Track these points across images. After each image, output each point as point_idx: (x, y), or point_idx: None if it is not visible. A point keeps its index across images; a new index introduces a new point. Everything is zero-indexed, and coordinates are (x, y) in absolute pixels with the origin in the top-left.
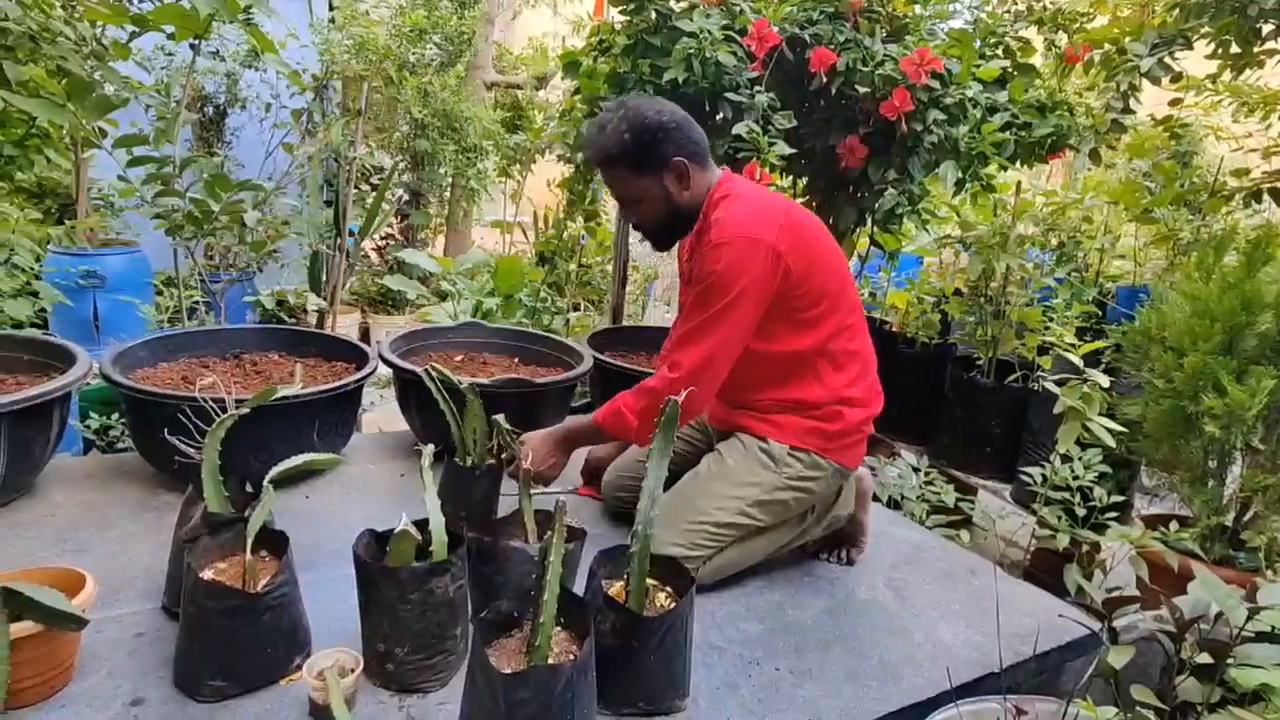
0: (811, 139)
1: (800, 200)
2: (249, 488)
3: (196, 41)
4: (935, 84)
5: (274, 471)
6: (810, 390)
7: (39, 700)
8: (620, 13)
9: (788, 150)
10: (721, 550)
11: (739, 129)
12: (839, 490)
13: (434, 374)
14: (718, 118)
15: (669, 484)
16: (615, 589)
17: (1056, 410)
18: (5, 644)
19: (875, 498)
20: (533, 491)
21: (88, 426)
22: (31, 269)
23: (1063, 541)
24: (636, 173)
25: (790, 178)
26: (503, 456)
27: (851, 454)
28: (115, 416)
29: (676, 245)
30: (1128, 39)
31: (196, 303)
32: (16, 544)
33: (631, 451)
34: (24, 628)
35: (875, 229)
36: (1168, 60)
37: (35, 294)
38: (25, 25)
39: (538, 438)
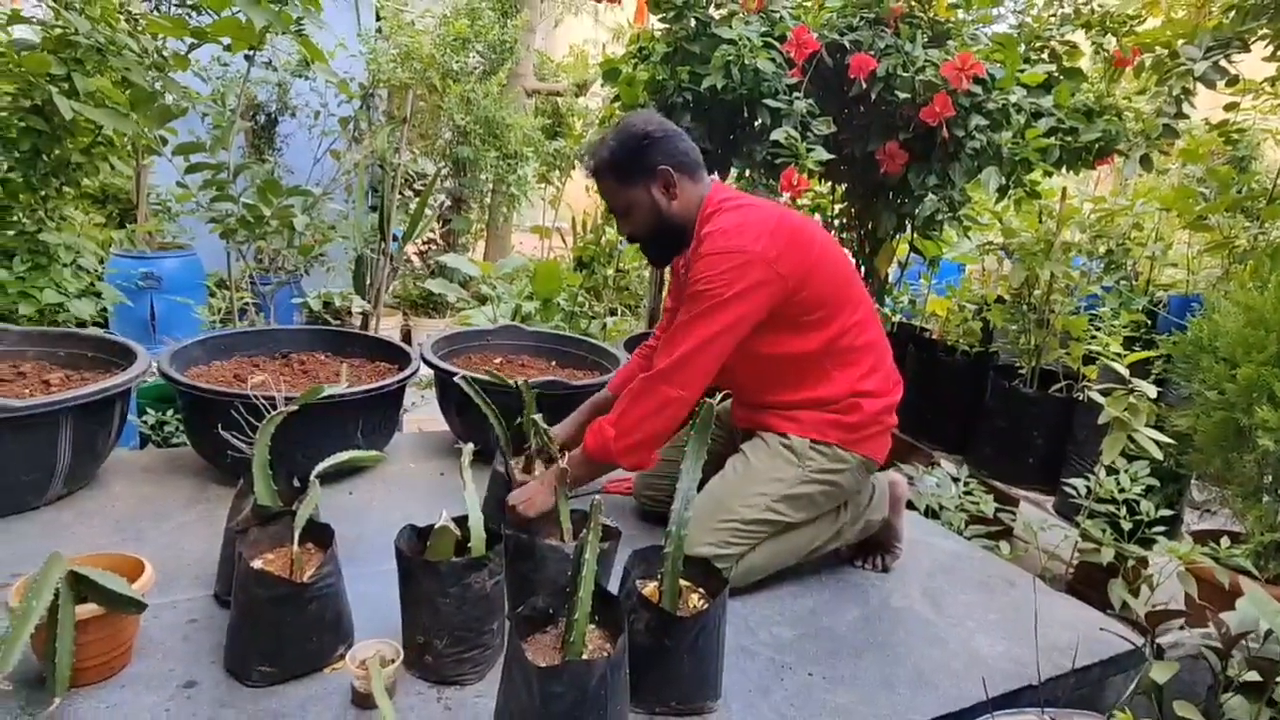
0: (851, 145)
1: (839, 206)
2: (296, 482)
3: (251, 52)
4: (977, 89)
5: (320, 467)
6: (824, 388)
7: (100, 680)
8: (660, 20)
9: (826, 156)
10: (753, 548)
11: (777, 135)
12: (871, 491)
13: (472, 380)
14: (756, 124)
15: (699, 486)
16: (649, 589)
17: (1101, 420)
18: (72, 624)
19: (912, 506)
20: (571, 494)
21: (145, 422)
22: (95, 271)
23: (1107, 556)
24: (623, 182)
25: (829, 183)
26: (535, 453)
27: (874, 445)
28: (170, 412)
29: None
30: (1180, 42)
31: (247, 304)
32: (80, 532)
33: (660, 453)
34: (89, 610)
35: (915, 235)
36: (1223, 63)
37: (98, 294)
38: (93, 39)
39: (534, 489)
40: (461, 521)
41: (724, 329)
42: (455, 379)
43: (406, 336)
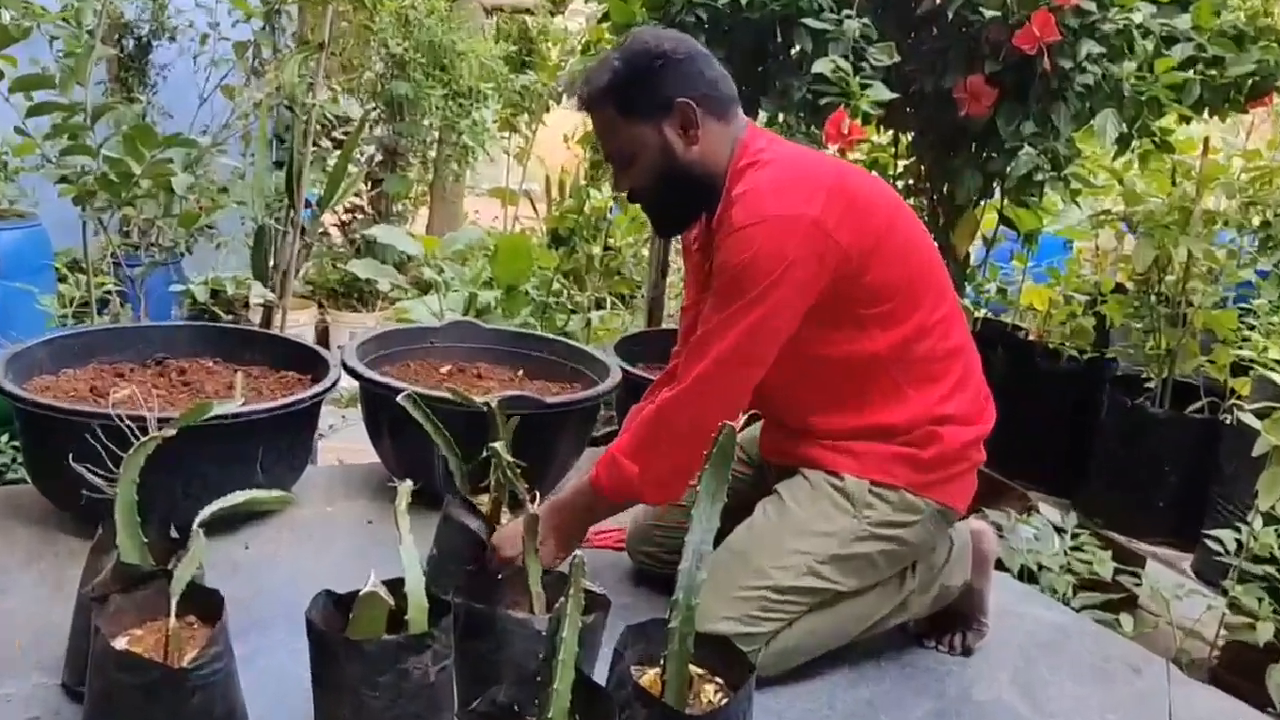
0: (920, 80)
1: (904, 163)
2: (174, 533)
3: None
4: (1090, 6)
5: (206, 512)
6: (892, 410)
7: None
8: None
9: (887, 94)
10: (789, 626)
11: (821, 66)
12: (949, 548)
13: (418, 399)
14: (793, 52)
15: (716, 538)
16: (648, 677)
17: (1257, 452)
18: None
19: (1002, 566)
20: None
21: None
22: None
23: (1265, 634)
24: (627, 116)
25: (889, 132)
26: (496, 497)
27: (956, 489)
28: (5, 438)
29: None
30: None
31: (109, 292)
32: None
33: None
34: None
35: (1006, 201)
36: None
37: None
38: None
39: (510, 533)
40: (396, 586)
41: (767, 321)
42: (398, 398)
43: (324, 337)
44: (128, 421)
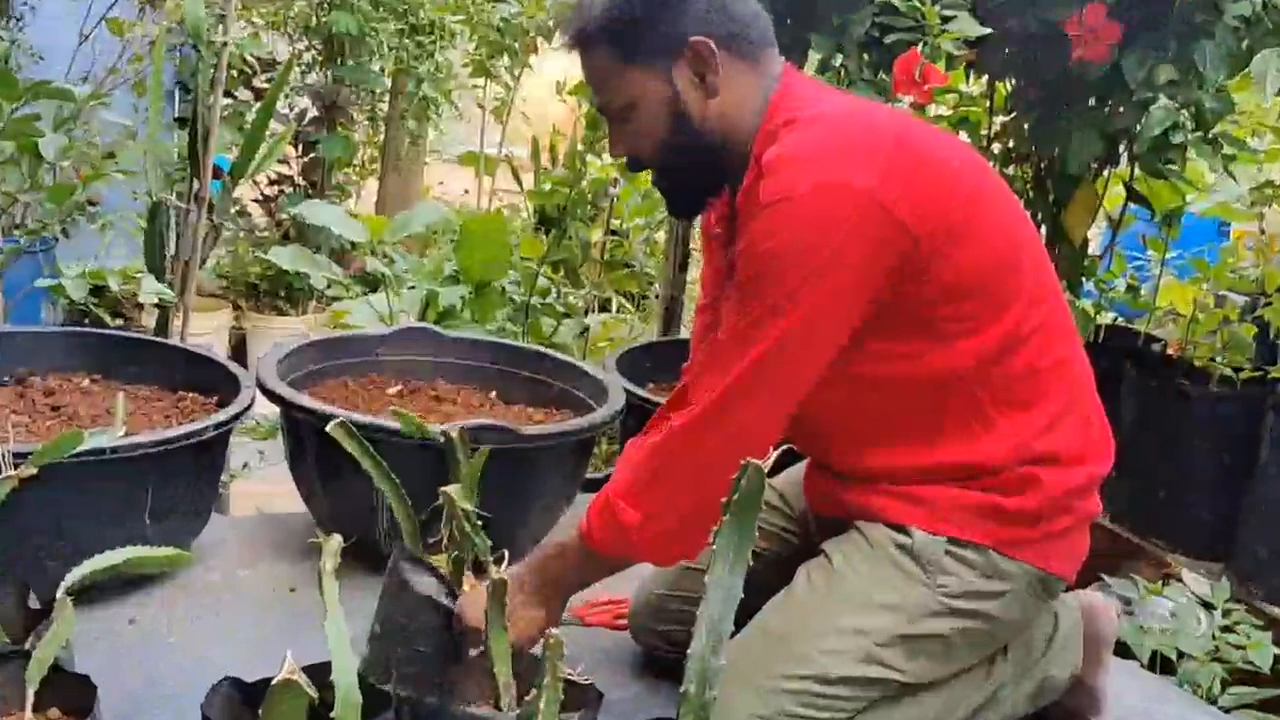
0: (1019, 12)
1: (1003, 120)
2: (34, 602)
3: None
4: None
5: (76, 575)
6: (976, 445)
7: None
8: None
9: (977, 30)
10: None
11: None
12: (1052, 628)
13: (352, 426)
14: None
15: (743, 613)
16: None
17: None
18: None
19: (1127, 653)
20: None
21: None
22: None
23: None
24: (625, 57)
25: (981, 79)
26: (454, 556)
27: (1061, 550)
28: None
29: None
30: None
31: None
32: None
33: None
34: None
35: (1136, 171)
36: None
37: None
38: None
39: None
40: (321, 673)
41: (806, 329)
42: (328, 426)
43: (240, 347)
44: None
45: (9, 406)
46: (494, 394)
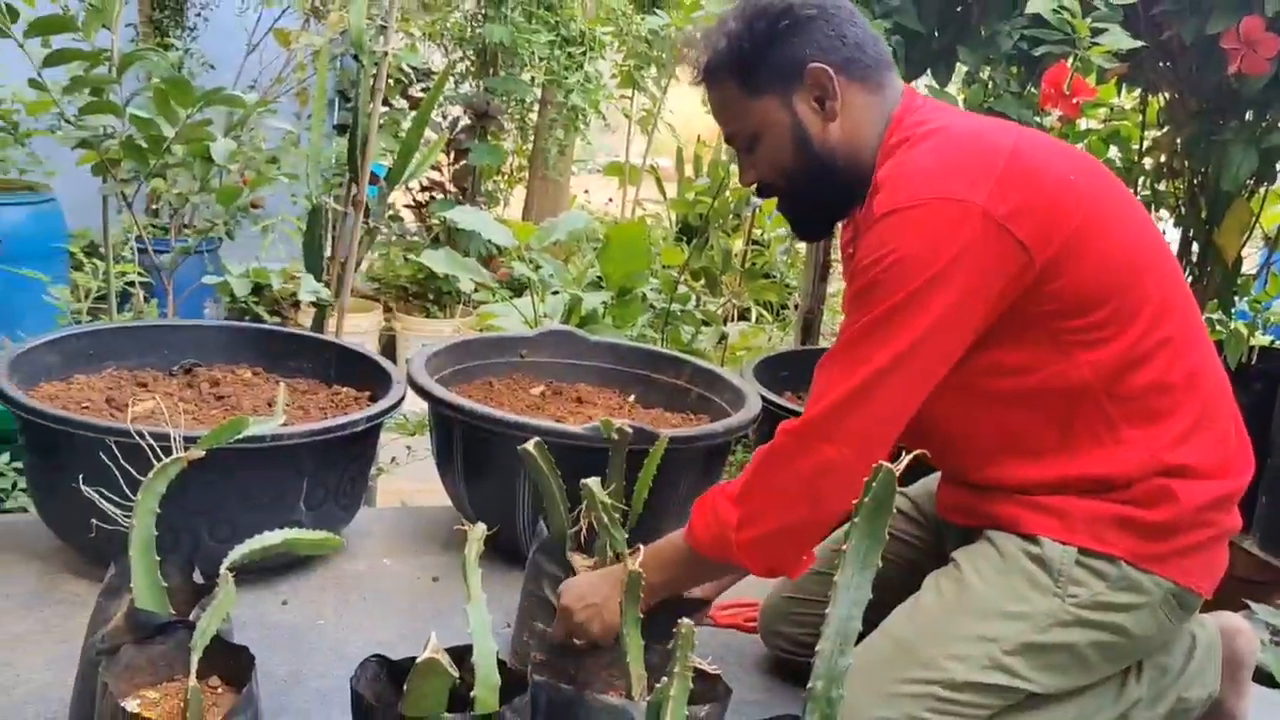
0: (1176, 24)
1: (1155, 135)
2: (199, 577)
3: None
4: None
5: (237, 554)
6: (1108, 457)
7: None
8: None
9: (1129, 43)
10: None
11: (1039, 5)
12: (1189, 647)
13: (544, 449)
14: None
15: (871, 617)
16: None
17: None
18: None
19: (1271, 682)
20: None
21: None
22: None
23: None
24: (747, 89)
25: (1134, 92)
26: (585, 541)
27: (1197, 565)
28: (5, 459)
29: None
30: None
31: (132, 284)
32: None
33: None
34: None
35: None
36: None
37: None
38: None
39: (584, 586)
40: (462, 655)
41: (918, 344)
42: (522, 447)
43: (389, 347)
44: (149, 439)
45: (178, 395)
46: (633, 397)
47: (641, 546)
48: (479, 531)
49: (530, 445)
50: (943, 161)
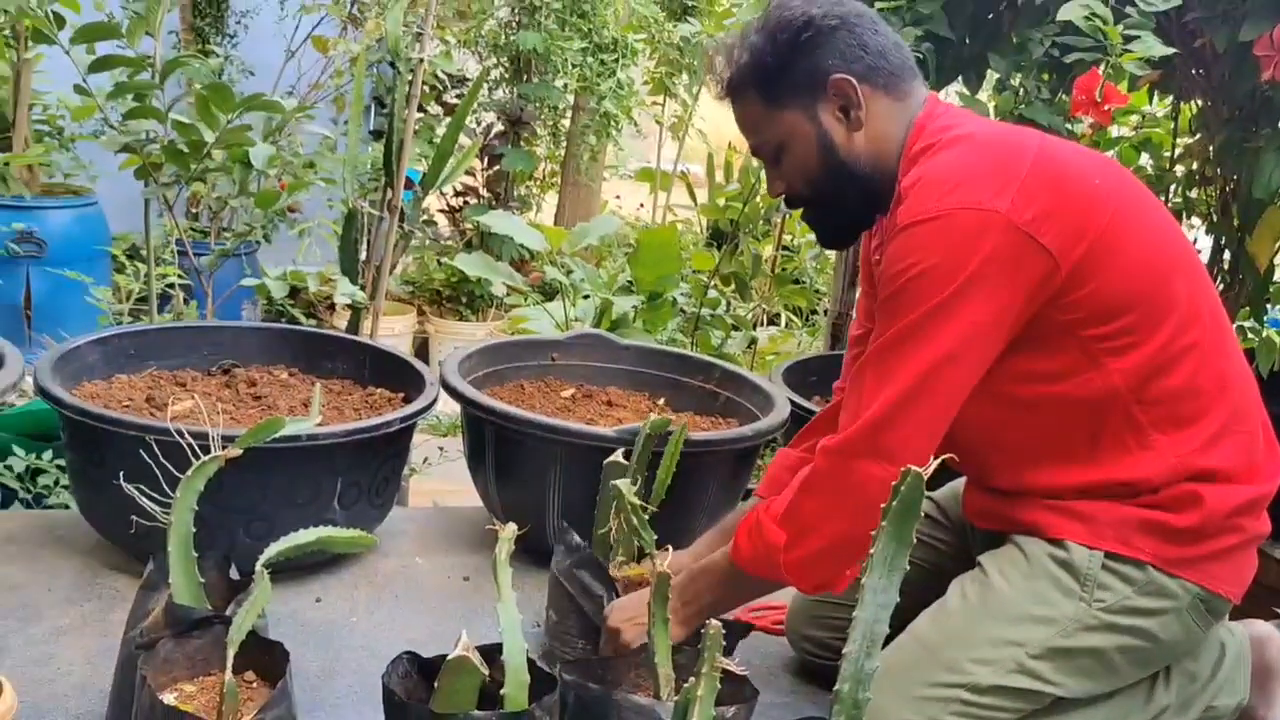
0: (1207, 31)
1: (1187, 142)
2: (234, 572)
3: None
4: None
5: (273, 550)
6: (1135, 462)
7: None
8: None
9: (1160, 49)
10: None
11: (1070, 12)
12: (1219, 654)
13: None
14: None
15: (896, 620)
16: None
17: None
18: None
19: None
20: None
21: (9, 468)
22: None
23: None
24: (771, 101)
25: (1166, 99)
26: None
27: (1225, 570)
28: (48, 456)
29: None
30: None
31: (172, 286)
32: None
33: None
34: None
35: None
36: None
37: None
38: None
39: (631, 607)
40: (492, 653)
41: (949, 354)
42: (610, 459)
43: (423, 350)
44: (188, 438)
45: (216, 394)
46: (663, 400)
47: (670, 548)
48: (509, 532)
49: (623, 484)
50: (966, 169)
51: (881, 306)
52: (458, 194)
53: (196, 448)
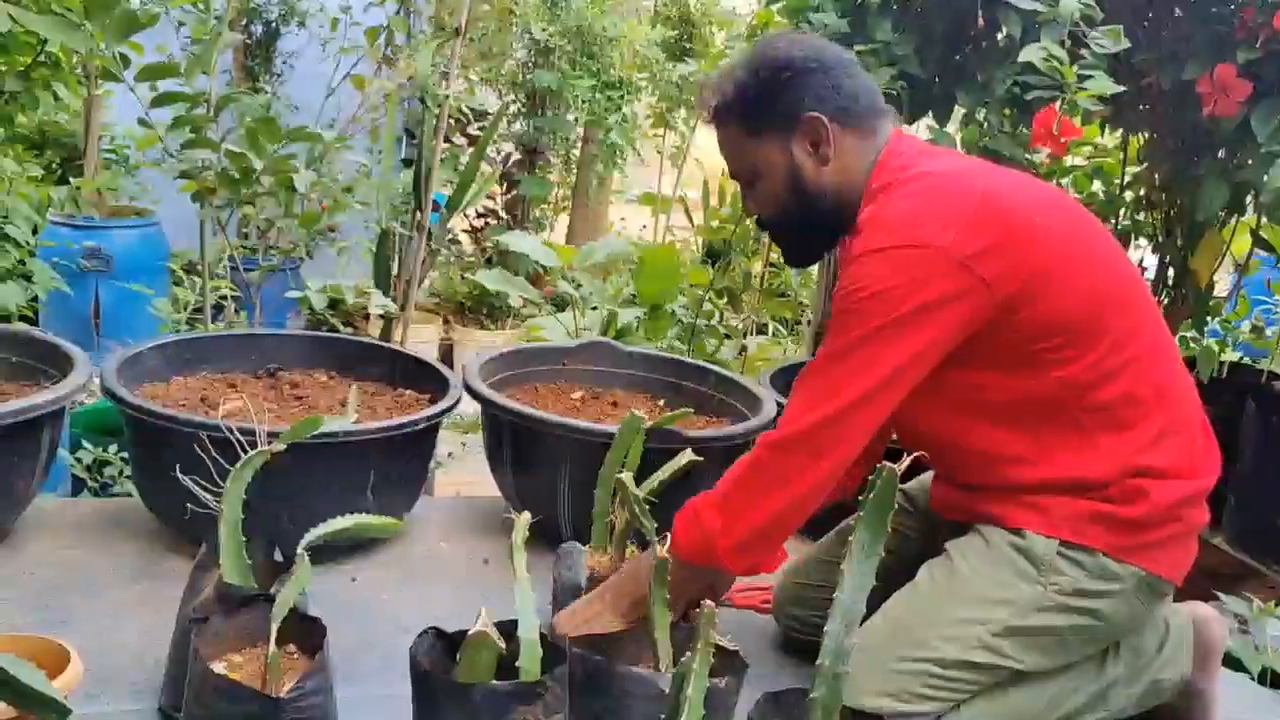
0: (1155, 71)
1: (1135, 170)
2: (279, 555)
3: None
4: None
5: (313, 535)
6: (1084, 461)
7: None
8: None
9: (1112, 87)
10: (957, 708)
11: (1030, 53)
12: (1162, 632)
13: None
14: (998, 36)
15: (871, 601)
16: None
17: None
18: None
19: (1240, 667)
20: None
21: (79, 460)
22: (27, 243)
23: None
24: (751, 132)
25: (1116, 132)
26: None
27: (1167, 556)
28: (113, 449)
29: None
30: None
31: (224, 297)
32: None
33: (814, 550)
34: None
35: (1263, 219)
36: None
37: (28, 276)
38: None
39: (581, 608)
40: (509, 629)
41: (892, 370)
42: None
43: (447, 356)
44: (237, 434)
45: (263, 395)
46: (663, 402)
47: (669, 534)
48: (524, 520)
49: (625, 477)
50: (917, 208)
51: (832, 321)
52: (479, 216)
53: (245, 443)
